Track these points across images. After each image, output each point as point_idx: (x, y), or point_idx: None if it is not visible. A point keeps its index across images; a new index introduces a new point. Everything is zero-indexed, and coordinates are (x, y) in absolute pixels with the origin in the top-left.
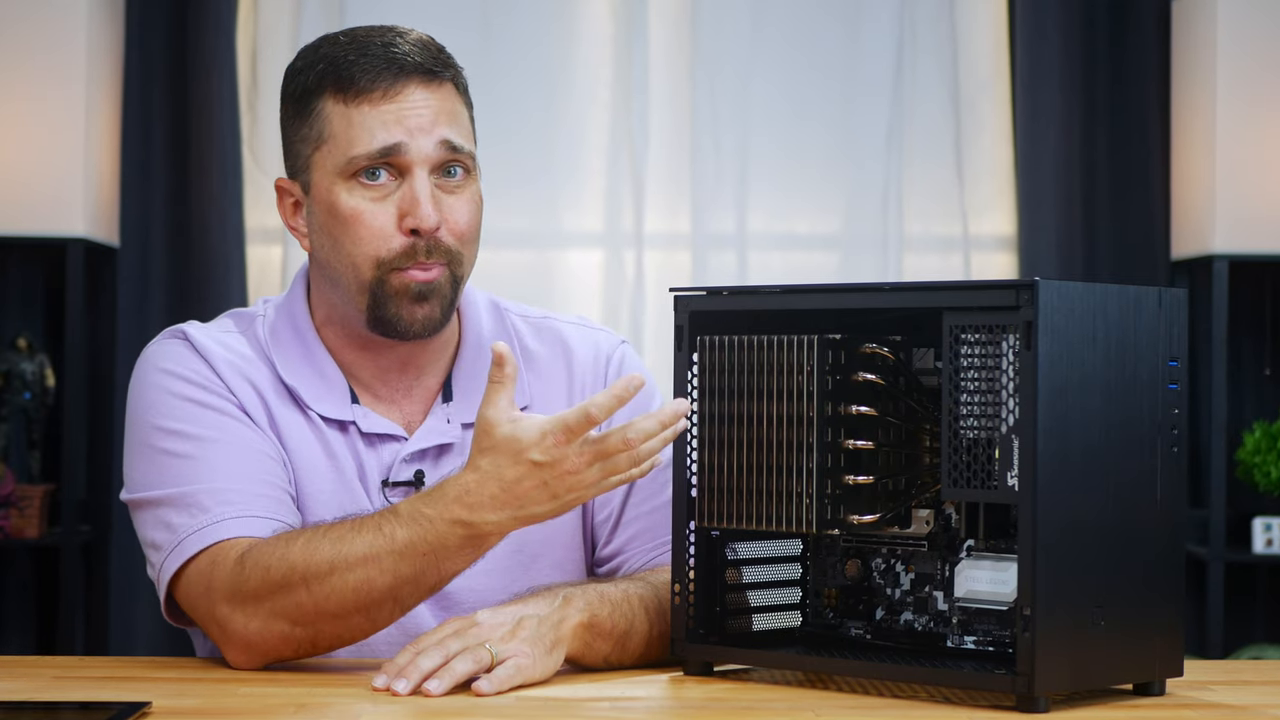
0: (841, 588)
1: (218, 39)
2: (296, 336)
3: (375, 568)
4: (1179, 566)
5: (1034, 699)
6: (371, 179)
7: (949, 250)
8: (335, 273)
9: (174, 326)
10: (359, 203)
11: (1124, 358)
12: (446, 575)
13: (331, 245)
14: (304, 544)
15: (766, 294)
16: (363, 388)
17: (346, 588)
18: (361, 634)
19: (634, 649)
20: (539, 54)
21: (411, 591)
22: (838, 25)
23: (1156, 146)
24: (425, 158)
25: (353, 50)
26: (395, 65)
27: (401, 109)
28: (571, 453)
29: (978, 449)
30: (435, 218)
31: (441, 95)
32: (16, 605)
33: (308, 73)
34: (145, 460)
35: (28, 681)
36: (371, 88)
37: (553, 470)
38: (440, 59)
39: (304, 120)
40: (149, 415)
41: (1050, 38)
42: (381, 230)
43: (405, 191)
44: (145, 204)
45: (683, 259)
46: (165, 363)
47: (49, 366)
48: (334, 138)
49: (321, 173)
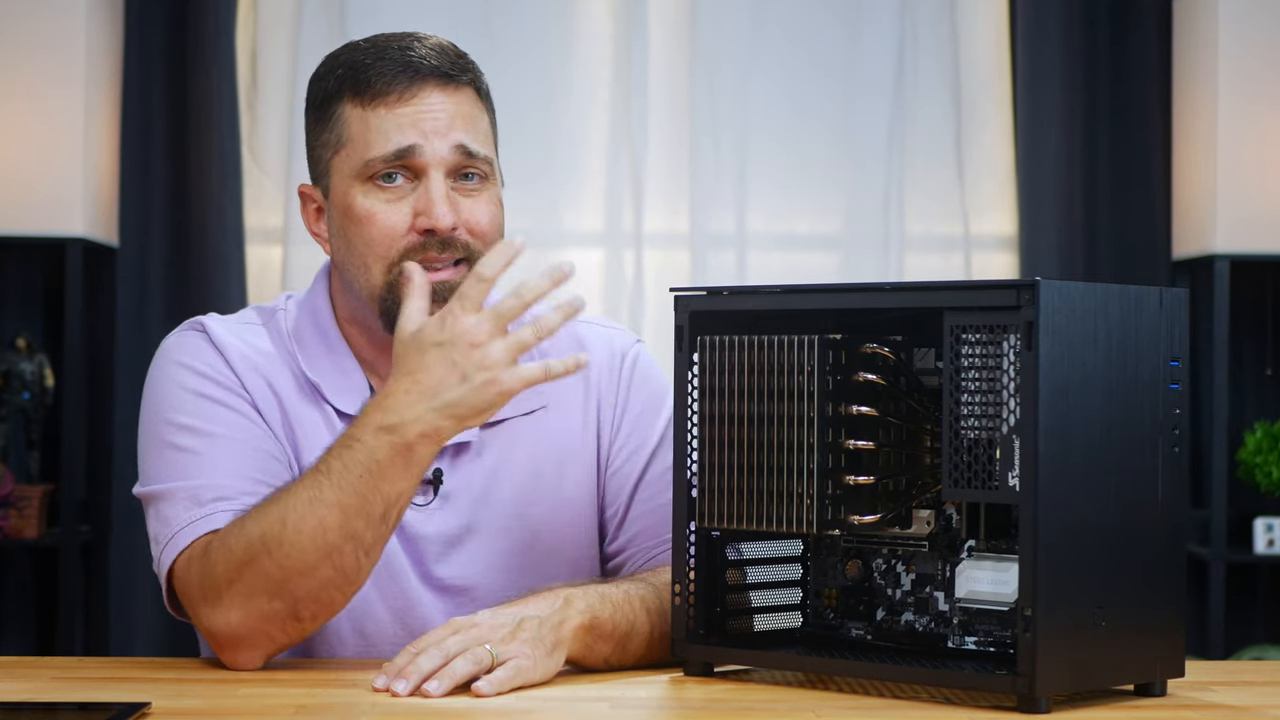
0: (842, 588)
1: (217, 38)
2: (318, 332)
3: (322, 505)
4: (1180, 567)
5: (1035, 699)
6: (388, 181)
7: (950, 250)
8: (350, 274)
9: (194, 318)
10: (373, 204)
11: (1125, 358)
12: (392, 498)
13: (346, 247)
14: (256, 513)
15: (767, 294)
16: (382, 384)
17: (302, 537)
18: (335, 589)
19: (635, 650)
20: (539, 54)
21: (365, 525)
22: (838, 24)
23: (1158, 146)
24: (440, 160)
25: (371, 54)
26: (411, 68)
27: (417, 112)
28: (470, 323)
29: (979, 449)
30: (451, 217)
31: (459, 99)
32: (15, 606)
33: (328, 78)
34: (155, 453)
35: (27, 682)
36: (387, 90)
37: (455, 347)
38: (459, 63)
39: (324, 125)
40: (160, 408)
41: (1051, 37)
42: (393, 230)
43: (420, 193)
44: (144, 204)
45: (682, 259)
46: (181, 355)
47: (48, 366)
48: (351, 141)
49: (339, 176)
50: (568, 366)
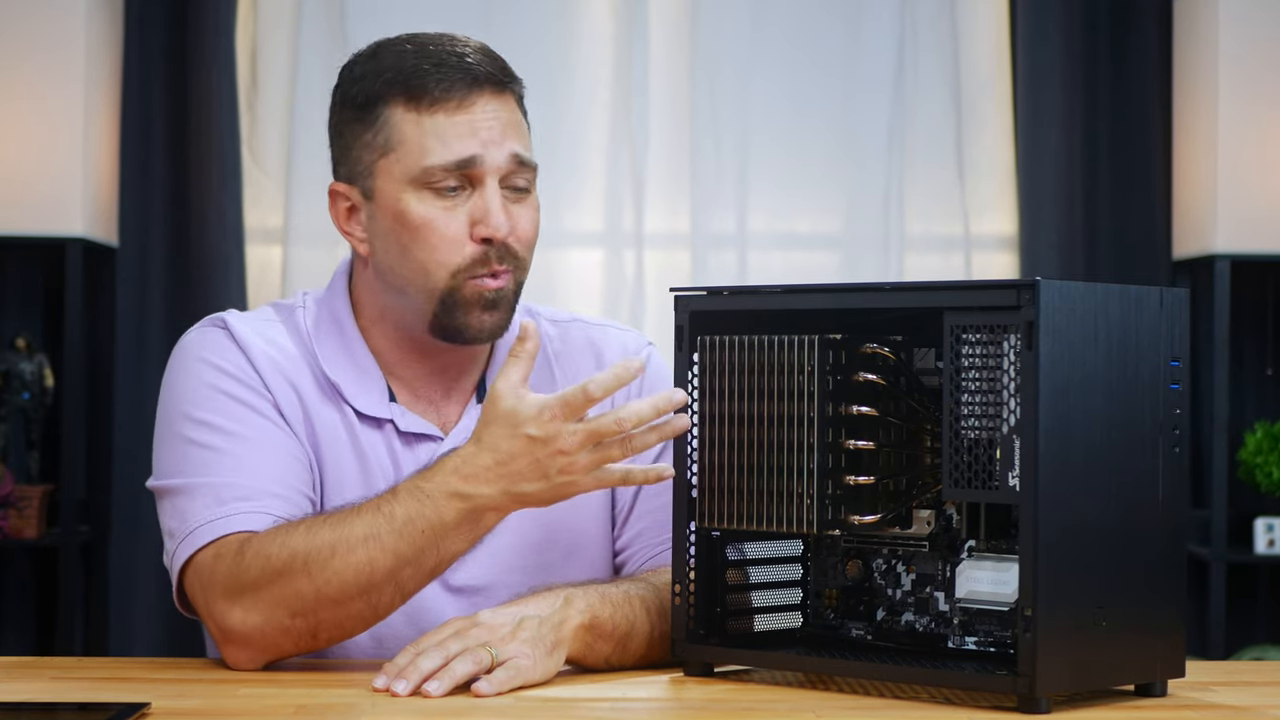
0: (842, 588)
1: (217, 38)
2: (338, 332)
3: (376, 547)
4: (1180, 567)
5: (1035, 700)
6: (445, 188)
7: (950, 250)
8: (401, 279)
9: (216, 314)
10: (430, 210)
11: (1125, 358)
12: (446, 556)
13: (400, 252)
14: (305, 530)
15: (767, 294)
16: (401, 386)
17: (348, 570)
18: (361, 622)
19: (635, 650)
20: (539, 54)
21: (412, 574)
22: (838, 24)
23: (1158, 146)
24: (497, 169)
25: (423, 59)
26: (470, 75)
27: (474, 120)
28: (565, 430)
29: (979, 449)
30: (508, 226)
31: (509, 106)
32: (15, 606)
33: (372, 79)
34: (172, 448)
35: (26, 682)
36: (447, 97)
37: (546, 447)
38: (506, 70)
39: (367, 126)
40: (181, 403)
41: (1051, 37)
42: (455, 238)
43: (477, 201)
44: (144, 203)
45: (683, 259)
46: (204, 351)
47: (48, 366)
48: (403, 145)
49: (388, 179)
50: (648, 475)
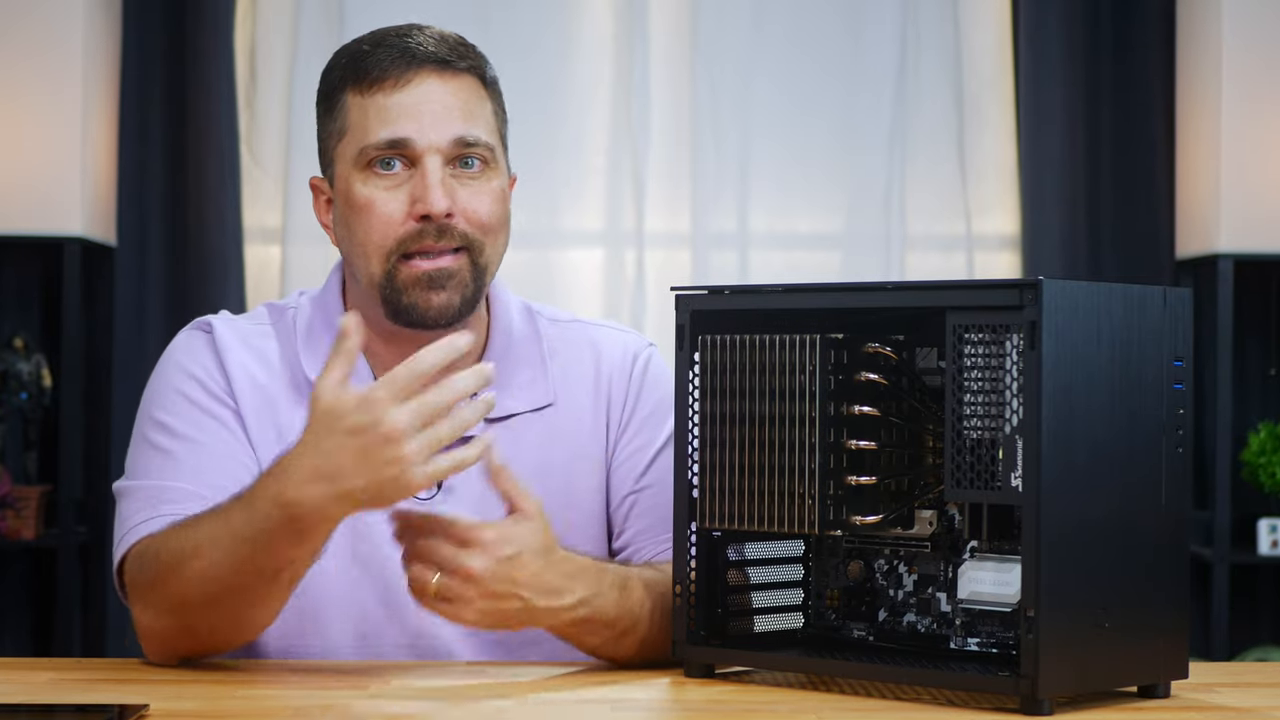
0: (844, 589)
1: (215, 37)
2: (328, 329)
3: (219, 551)
4: (1184, 568)
5: (1038, 701)
6: (385, 168)
7: (952, 249)
8: (352, 264)
9: (204, 317)
10: (371, 191)
11: (1128, 357)
12: (284, 563)
13: (348, 235)
14: (176, 531)
15: (768, 293)
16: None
17: (194, 575)
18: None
19: (630, 644)
20: (539, 53)
21: (254, 581)
22: (840, 23)
23: (1161, 145)
24: (435, 147)
25: (370, 43)
26: (408, 55)
27: (411, 99)
28: (389, 413)
29: (981, 449)
30: (445, 204)
31: (456, 86)
32: (13, 606)
33: (334, 70)
34: (134, 448)
35: (24, 683)
36: (384, 77)
37: (370, 435)
38: (458, 51)
39: (331, 116)
40: (149, 405)
41: (1054, 36)
42: (390, 217)
43: (417, 180)
44: (142, 203)
45: (683, 258)
46: (179, 355)
47: (45, 366)
48: (351, 129)
49: (342, 164)
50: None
